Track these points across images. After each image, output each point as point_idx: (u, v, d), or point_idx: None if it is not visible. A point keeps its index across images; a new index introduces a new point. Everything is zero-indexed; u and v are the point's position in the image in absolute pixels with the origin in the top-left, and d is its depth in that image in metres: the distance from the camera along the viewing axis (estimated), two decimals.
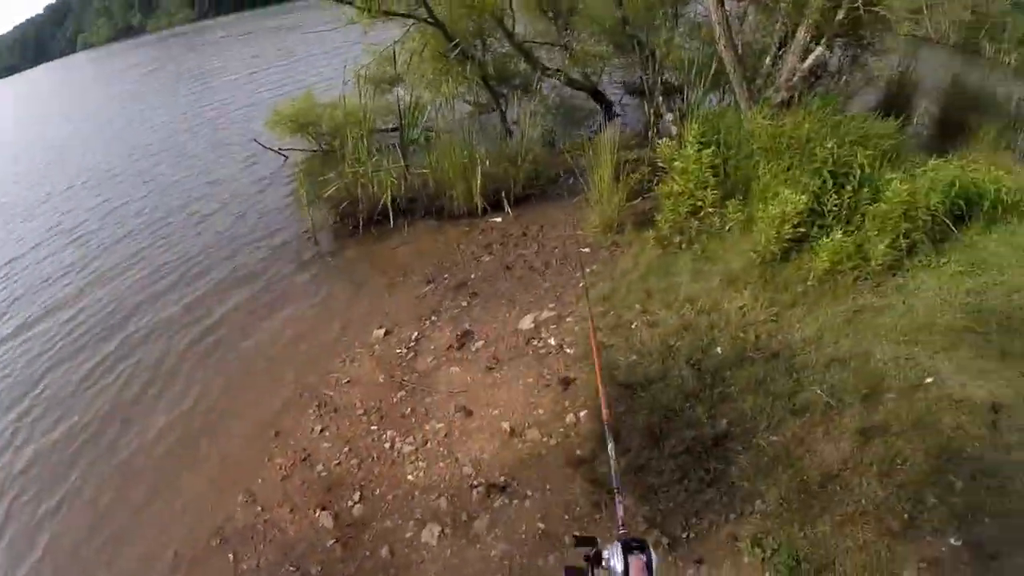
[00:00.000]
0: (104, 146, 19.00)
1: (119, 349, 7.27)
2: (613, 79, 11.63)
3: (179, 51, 47.11)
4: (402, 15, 9.51)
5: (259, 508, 4.72)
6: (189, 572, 4.42)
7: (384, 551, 4.14)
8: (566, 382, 5.07)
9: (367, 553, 4.17)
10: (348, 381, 5.78)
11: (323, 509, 4.54)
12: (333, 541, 4.29)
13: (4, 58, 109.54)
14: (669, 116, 8.74)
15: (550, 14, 10.85)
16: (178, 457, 5.50)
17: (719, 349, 4.95)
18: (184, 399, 6.17)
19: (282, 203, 10.48)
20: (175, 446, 5.63)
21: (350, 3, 9.25)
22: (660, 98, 9.12)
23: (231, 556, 4.41)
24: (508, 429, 4.77)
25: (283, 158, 12.08)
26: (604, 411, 2.40)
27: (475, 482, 4.42)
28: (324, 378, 5.91)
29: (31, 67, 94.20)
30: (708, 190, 6.31)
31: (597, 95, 10.97)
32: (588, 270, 6.57)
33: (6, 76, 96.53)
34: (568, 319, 5.83)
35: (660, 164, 7.13)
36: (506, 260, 7.21)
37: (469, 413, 5.05)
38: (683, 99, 8.49)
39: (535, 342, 5.66)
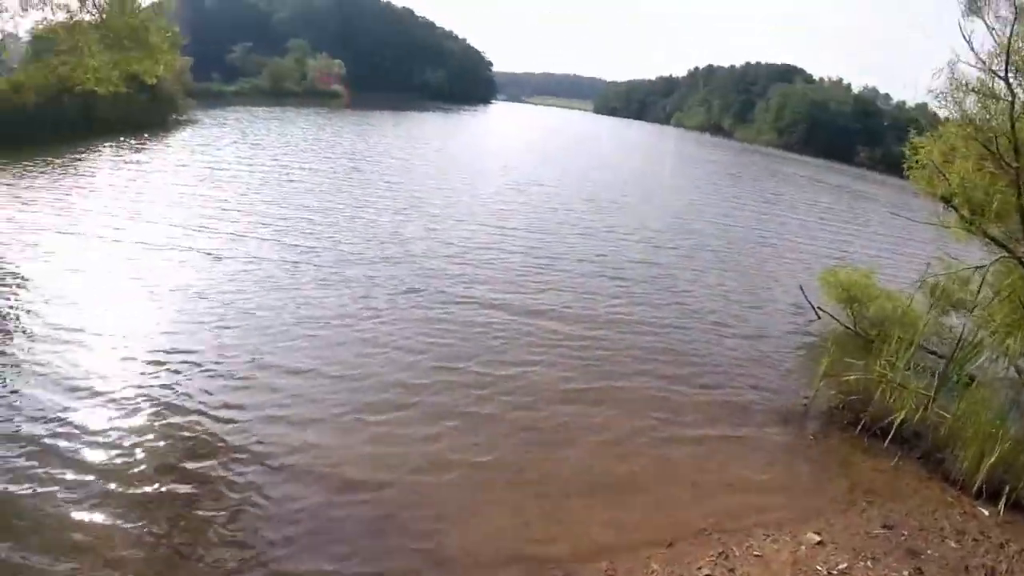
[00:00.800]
0: (662, 207, 22.82)
1: (594, 392, 8.33)
2: None
3: (759, 167, 51.83)
4: (999, 244, 8.60)
5: None
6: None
7: None
8: None
9: None
10: (758, 556, 5.55)
11: None
12: None
13: (611, 100, 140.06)
14: None
15: None
16: (588, 487, 6.27)
17: None
18: (624, 459, 6.86)
19: (797, 357, 10.50)
20: (593, 474, 6.47)
21: (955, 208, 8.81)
22: None
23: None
24: None
25: (817, 317, 12.15)
26: None
27: None
28: (740, 537, 5.81)
29: (629, 118, 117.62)
30: None
31: None
32: None
33: (608, 115, 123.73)
34: None
35: None
36: (969, 560, 5.90)
37: None
38: None
39: None
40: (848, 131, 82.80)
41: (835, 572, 5.46)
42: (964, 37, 8.10)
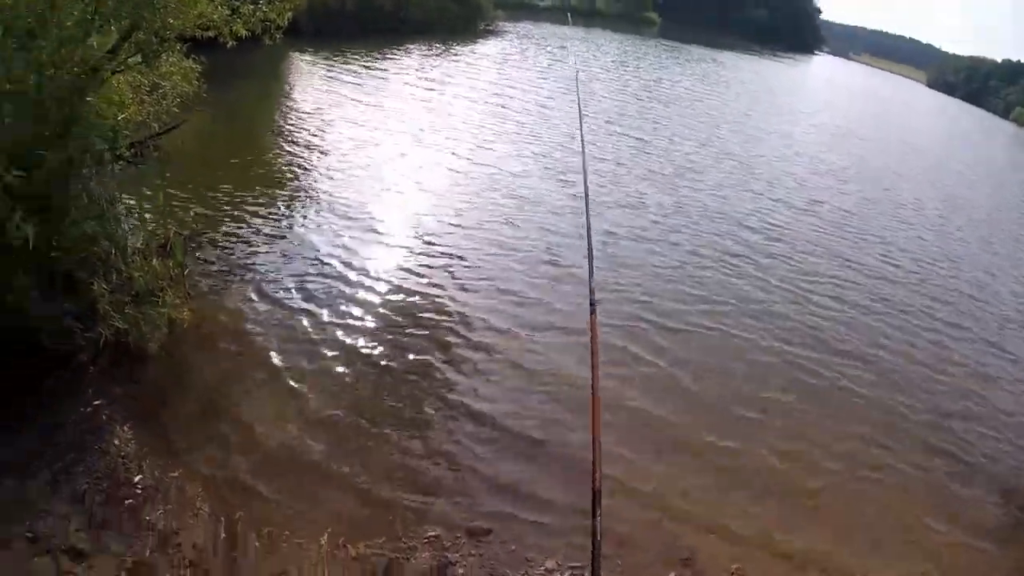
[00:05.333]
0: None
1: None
2: None
3: None
4: None
5: None
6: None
7: None
8: None
9: None
10: None
11: None
12: None
13: (947, 74, 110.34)
14: None
15: None
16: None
17: None
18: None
19: None
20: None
21: None
22: None
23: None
24: None
25: None
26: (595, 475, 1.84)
27: None
28: None
29: (957, 98, 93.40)
30: None
31: None
32: None
33: (943, 91, 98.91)
34: None
35: None
36: None
37: None
38: None
39: None
40: None
41: None
42: None
